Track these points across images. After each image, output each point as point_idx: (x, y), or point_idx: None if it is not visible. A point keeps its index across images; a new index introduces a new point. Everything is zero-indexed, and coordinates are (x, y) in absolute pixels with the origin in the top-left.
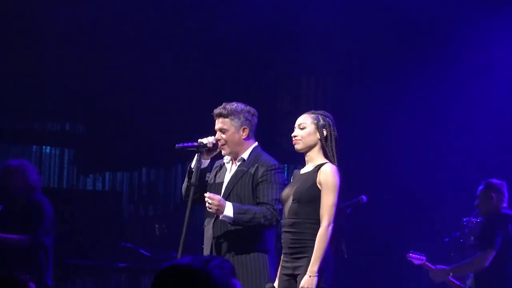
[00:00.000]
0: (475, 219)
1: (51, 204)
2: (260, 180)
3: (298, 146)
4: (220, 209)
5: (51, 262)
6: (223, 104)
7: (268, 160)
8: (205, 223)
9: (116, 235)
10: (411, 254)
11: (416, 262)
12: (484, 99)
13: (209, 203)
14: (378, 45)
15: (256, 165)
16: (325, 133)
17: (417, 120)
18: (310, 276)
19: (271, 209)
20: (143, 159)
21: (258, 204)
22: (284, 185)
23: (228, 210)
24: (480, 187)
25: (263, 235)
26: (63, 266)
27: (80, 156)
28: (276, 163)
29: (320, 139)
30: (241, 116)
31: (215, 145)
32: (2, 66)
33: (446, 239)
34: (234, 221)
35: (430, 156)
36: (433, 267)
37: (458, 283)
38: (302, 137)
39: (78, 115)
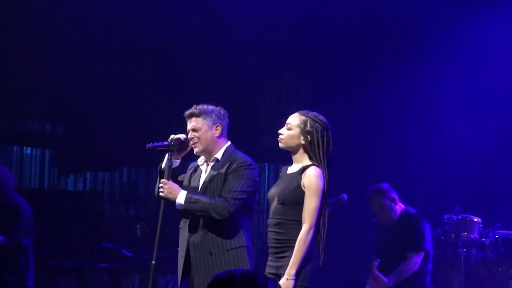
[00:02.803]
0: (456, 216)
1: (31, 205)
2: (228, 174)
3: (280, 145)
4: (172, 194)
5: (32, 263)
6: (194, 105)
7: (241, 157)
8: (181, 224)
9: (98, 235)
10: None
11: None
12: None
13: (161, 187)
14: (366, 39)
15: (229, 163)
16: (309, 138)
17: (400, 113)
18: (287, 279)
19: (225, 201)
20: (124, 159)
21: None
22: (254, 181)
23: (181, 197)
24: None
25: (239, 231)
26: (45, 266)
27: (61, 156)
28: (249, 160)
29: (303, 144)
30: (213, 115)
31: (186, 140)
32: None
33: None
34: (185, 209)
35: (413, 152)
36: (379, 274)
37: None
38: (285, 137)
39: (59, 116)
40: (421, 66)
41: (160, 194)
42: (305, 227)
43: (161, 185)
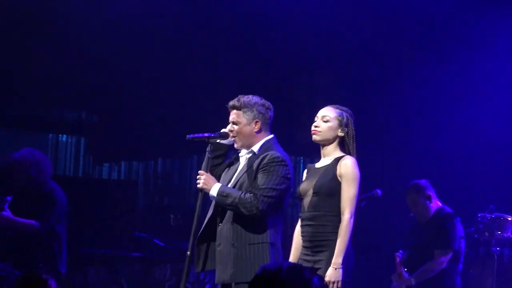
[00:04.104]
0: (490, 215)
1: (66, 192)
2: (259, 170)
3: (317, 137)
4: (207, 186)
5: (65, 251)
6: (238, 96)
7: (274, 153)
8: (209, 209)
9: (131, 225)
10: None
11: (398, 259)
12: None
13: (198, 178)
14: (398, 36)
15: (261, 157)
16: (346, 130)
17: (436, 111)
18: (335, 269)
19: (254, 198)
20: (159, 149)
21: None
22: (286, 178)
23: (214, 190)
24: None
25: (265, 227)
26: (76, 254)
27: (96, 145)
28: (282, 156)
29: (340, 136)
30: (254, 109)
31: (222, 134)
32: (22, 54)
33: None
34: (216, 202)
35: (447, 149)
36: (402, 270)
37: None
38: (323, 129)
39: (95, 104)
40: (453, 62)
41: (197, 184)
42: (345, 216)
43: (198, 176)
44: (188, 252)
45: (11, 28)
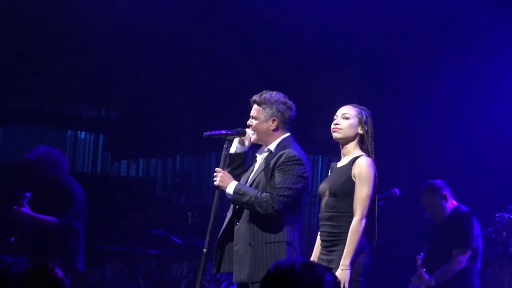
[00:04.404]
0: (508, 215)
1: (84, 189)
2: (275, 169)
3: (338, 135)
4: (223, 183)
5: (82, 247)
6: (262, 91)
7: (291, 151)
8: (229, 210)
9: (148, 222)
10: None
11: (419, 261)
12: None
13: (214, 175)
14: (416, 35)
15: (278, 155)
16: (366, 128)
17: (454, 112)
18: (342, 270)
19: (270, 197)
20: (177, 146)
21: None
22: (302, 177)
23: (230, 188)
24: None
25: (282, 226)
26: (94, 251)
27: (114, 142)
28: (299, 155)
29: (359, 134)
30: (274, 107)
31: (240, 131)
32: (40, 50)
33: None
34: (232, 200)
35: (465, 148)
36: (422, 271)
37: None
38: (343, 127)
39: (114, 101)
40: (470, 61)
41: (214, 182)
42: (356, 217)
43: (215, 173)
44: (205, 250)
45: (30, 22)
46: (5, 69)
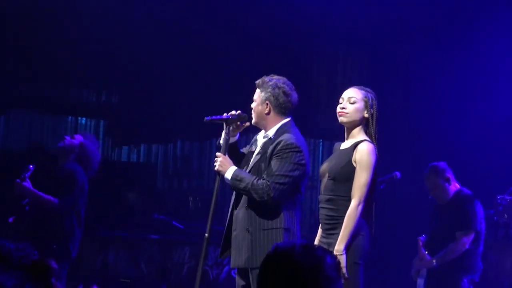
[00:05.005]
0: (509, 197)
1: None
2: (273, 156)
3: (344, 119)
4: (222, 168)
5: (79, 231)
6: (268, 75)
7: (288, 139)
8: (232, 195)
9: (150, 207)
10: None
11: (421, 243)
12: None
13: (215, 160)
14: (418, 17)
15: (276, 142)
16: (372, 112)
17: (455, 94)
18: (336, 255)
19: (266, 184)
20: (178, 132)
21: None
22: (299, 165)
23: (229, 173)
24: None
25: (280, 212)
26: (96, 237)
27: (115, 127)
28: (297, 142)
29: (365, 118)
30: (269, 90)
31: (242, 116)
32: (40, 37)
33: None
34: (231, 185)
35: (466, 131)
36: (424, 252)
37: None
38: (350, 111)
39: (114, 87)
40: (474, 48)
41: (214, 167)
42: (354, 202)
43: (215, 158)
44: (206, 234)
45: (30, 9)
46: (6, 56)
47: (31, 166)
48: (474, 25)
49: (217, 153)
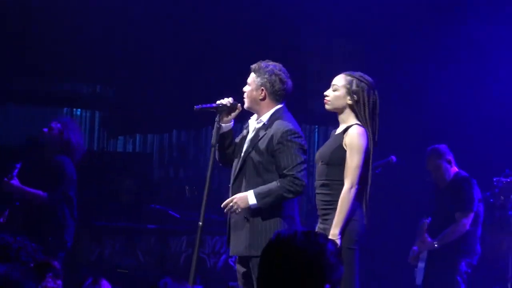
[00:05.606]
0: (505, 179)
1: (81, 166)
2: (276, 148)
3: (327, 106)
4: (245, 203)
5: (73, 221)
6: (262, 61)
7: (286, 125)
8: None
9: (146, 197)
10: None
11: (426, 226)
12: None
13: (231, 206)
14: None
15: (273, 130)
16: (355, 97)
17: (450, 78)
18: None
19: (291, 179)
20: (174, 121)
21: (279, 176)
22: (304, 148)
23: (251, 199)
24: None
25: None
26: (92, 227)
27: (110, 118)
28: (294, 127)
29: (350, 104)
30: (265, 76)
31: (233, 104)
32: (35, 28)
33: None
34: (261, 206)
35: (462, 114)
36: (426, 234)
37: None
38: (331, 99)
39: (109, 78)
40: (473, 26)
41: (237, 212)
42: (346, 186)
43: (230, 204)
44: (200, 223)
45: (26, 2)
46: (1, 49)
47: (17, 164)
48: (474, 9)
49: (227, 200)
